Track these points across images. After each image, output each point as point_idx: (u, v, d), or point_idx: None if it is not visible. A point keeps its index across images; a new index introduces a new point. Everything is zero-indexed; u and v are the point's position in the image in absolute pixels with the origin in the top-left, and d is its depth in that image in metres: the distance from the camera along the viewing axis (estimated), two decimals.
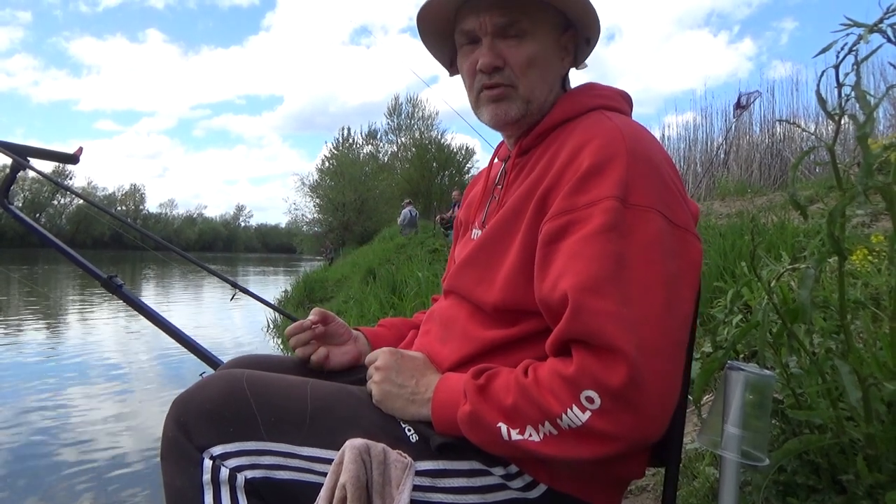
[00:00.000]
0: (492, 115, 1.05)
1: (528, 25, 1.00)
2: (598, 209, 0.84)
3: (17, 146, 1.92)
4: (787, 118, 9.67)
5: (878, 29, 0.90)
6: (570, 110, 1.03)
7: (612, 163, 0.87)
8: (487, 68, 1.01)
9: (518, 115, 1.04)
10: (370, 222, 31.60)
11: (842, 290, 0.99)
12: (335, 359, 1.22)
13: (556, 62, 1.06)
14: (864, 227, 3.31)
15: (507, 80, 1.02)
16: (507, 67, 1.01)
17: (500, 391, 0.86)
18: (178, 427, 0.91)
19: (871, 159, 0.85)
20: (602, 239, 0.82)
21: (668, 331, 0.80)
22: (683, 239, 0.87)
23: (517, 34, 1.00)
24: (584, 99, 1.04)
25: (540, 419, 0.81)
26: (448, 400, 0.92)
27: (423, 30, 1.11)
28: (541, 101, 1.04)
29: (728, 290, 2.16)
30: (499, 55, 1.01)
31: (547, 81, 1.05)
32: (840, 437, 1.04)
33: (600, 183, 0.86)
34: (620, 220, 0.83)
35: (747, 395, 0.87)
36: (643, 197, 0.85)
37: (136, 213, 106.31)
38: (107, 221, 2.47)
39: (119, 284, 1.82)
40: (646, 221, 0.84)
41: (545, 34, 1.03)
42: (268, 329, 8.96)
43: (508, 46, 1.01)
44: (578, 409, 0.78)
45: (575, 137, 0.94)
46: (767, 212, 4.75)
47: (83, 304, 12.55)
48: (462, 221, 1.25)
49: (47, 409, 4.76)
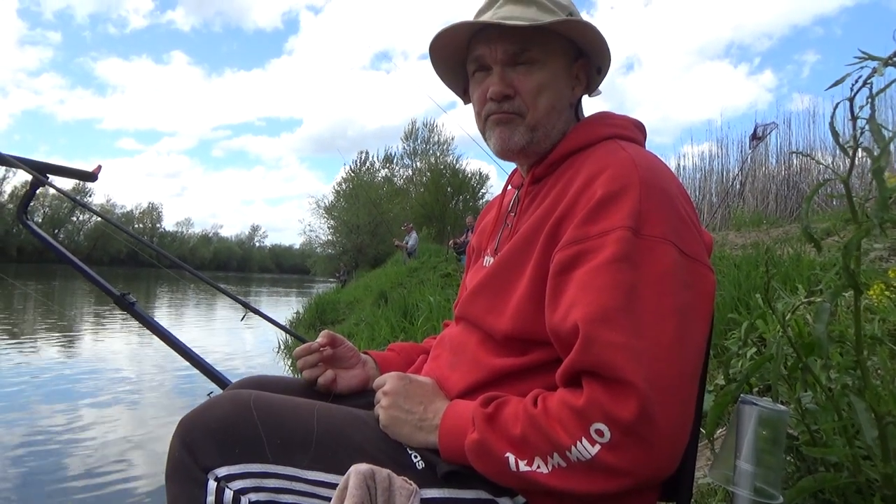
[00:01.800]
0: (497, 138, 1.05)
1: (538, 54, 1.01)
2: (611, 239, 0.84)
3: (37, 163, 1.95)
4: (803, 150, 9.63)
5: (893, 62, 0.90)
6: (583, 139, 1.03)
7: (626, 193, 0.86)
8: (498, 96, 1.02)
9: (522, 143, 1.04)
10: (384, 245, 31.69)
11: (858, 324, 0.97)
12: (343, 382, 1.21)
13: (567, 90, 1.07)
14: (882, 261, 3.26)
15: (517, 109, 1.03)
16: (518, 96, 1.02)
17: (508, 420, 0.85)
18: (183, 447, 0.91)
19: (886, 193, 0.85)
20: (613, 269, 0.82)
21: (679, 363, 0.79)
22: (696, 270, 0.86)
23: (527, 62, 1.01)
24: (598, 128, 1.04)
25: (549, 451, 0.79)
26: (456, 427, 0.90)
27: (436, 59, 1.12)
28: (548, 129, 1.04)
29: (742, 321, 2.13)
30: (509, 84, 1.02)
31: (557, 109, 1.05)
32: (857, 476, 1.01)
33: (613, 213, 0.86)
34: (632, 251, 0.82)
35: (760, 430, 0.86)
36: (656, 228, 0.85)
37: (152, 231, 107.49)
38: (122, 239, 2.49)
39: (132, 302, 1.83)
40: (658, 252, 0.83)
41: (556, 63, 1.03)
42: (278, 350, 8.96)
43: (519, 75, 1.02)
44: (588, 442, 0.77)
45: (588, 166, 0.94)
46: (783, 244, 4.71)
47: (97, 321, 12.64)
48: (474, 248, 1.25)
49: (57, 424, 4.78)
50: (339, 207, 35.03)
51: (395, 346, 1.37)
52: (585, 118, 1.10)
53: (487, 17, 1.02)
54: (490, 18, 1.01)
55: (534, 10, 1.01)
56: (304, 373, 1.20)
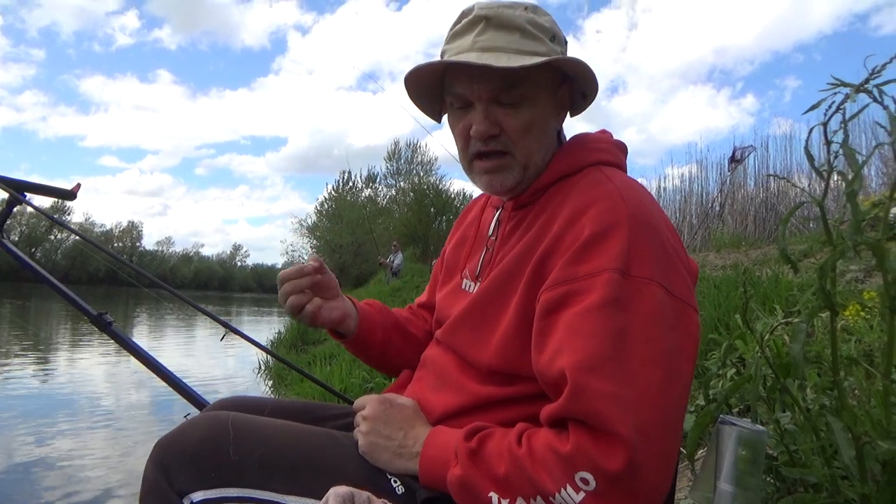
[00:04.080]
0: (487, 186, 1.04)
1: (524, 91, 0.97)
2: (599, 282, 0.82)
3: (14, 181, 1.93)
4: (781, 173, 9.79)
5: (865, 89, 0.92)
6: (567, 167, 1.01)
7: (614, 231, 0.85)
8: (483, 136, 0.98)
9: (515, 183, 1.02)
10: (367, 265, 31.61)
11: (834, 345, 0.98)
12: (325, 313, 1.16)
13: (553, 120, 1.04)
14: (857, 282, 3.32)
15: (503, 147, 0.99)
16: (503, 134, 0.98)
17: (492, 458, 0.83)
18: (159, 470, 0.89)
19: (859, 216, 0.86)
20: (602, 314, 0.81)
21: (666, 410, 0.79)
22: (682, 311, 0.86)
23: (513, 101, 0.97)
24: (581, 153, 1.03)
25: (532, 494, 0.78)
26: (437, 458, 0.89)
27: (410, 88, 1.06)
28: (539, 165, 1.02)
29: (722, 342, 2.15)
30: (494, 122, 0.98)
31: (544, 143, 1.02)
32: (835, 496, 1.02)
33: (601, 253, 0.84)
34: (620, 293, 0.81)
35: (740, 450, 0.86)
36: (644, 268, 0.84)
37: (132, 251, 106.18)
38: (101, 258, 2.46)
39: (109, 322, 1.80)
40: (646, 294, 0.82)
41: (543, 96, 1.00)
42: (259, 371, 8.85)
43: (505, 114, 0.98)
44: (573, 490, 0.75)
45: (574, 199, 0.93)
46: (762, 265, 4.77)
47: (73, 341, 12.41)
48: (449, 261, 1.22)
49: (31, 446, 4.66)
50: (322, 227, 34.93)
51: (373, 302, 1.33)
52: (568, 142, 1.08)
53: (467, 47, 0.97)
54: (471, 49, 0.96)
55: (517, 37, 0.96)
56: (291, 298, 1.11)
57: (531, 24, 0.97)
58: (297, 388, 6.27)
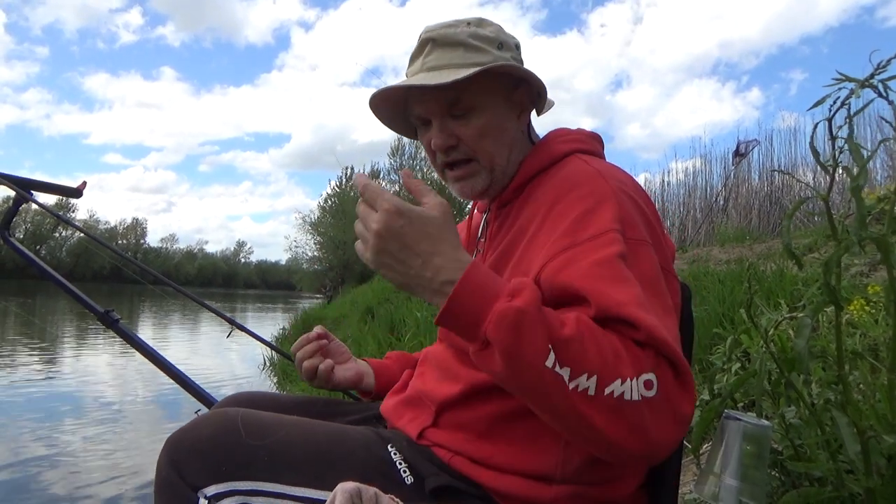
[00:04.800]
0: (460, 193, 1.07)
1: (472, 99, 1.00)
2: (606, 239, 0.84)
3: (21, 179, 1.94)
4: (785, 167, 9.75)
5: (870, 84, 0.92)
6: (544, 159, 1.04)
7: (604, 203, 0.88)
8: (442, 148, 1.03)
9: (485, 186, 1.06)
10: None
11: (839, 340, 0.98)
12: (339, 373, 1.23)
13: (512, 122, 1.06)
14: (862, 276, 3.31)
15: (465, 155, 1.04)
16: (461, 143, 1.03)
17: (554, 319, 0.74)
18: (171, 466, 0.90)
19: (864, 211, 0.86)
20: (623, 265, 0.82)
21: None
22: (670, 281, 0.92)
23: (464, 111, 1.01)
24: (557, 145, 1.06)
25: (597, 370, 0.71)
26: (482, 286, 0.77)
27: (380, 116, 1.11)
28: (505, 165, 1.05)
29: (727, 336, 2.14)
30: (450, 134, 1.02)
31: (505, 145, 1.05)
32: (840, 490, 1.02)
33: (598, 219, 0.87)
34: (627, 250, 0.84)
35: (745, 445, 0.87)
36: (638, 232, 0.88)
37: (136, 248, 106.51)
38: (106, 255, 2.47)
39: (116, 319, 1.81)
40: (644, 255, 0.87)
41: (493, 101, 1.03)
42: (264, 367, 8.87)
43: (458, 125, 1.02)
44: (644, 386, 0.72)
45: (556, 184, 0.96)
46: (766, 259, 4.76)
47: (79, 338, 12.46)
48: None
49: (40, 443, 4.69)
50: (326, 223, 34.94)
51: (393, 354, 1.38)
52: (542, 138, 1.11)
53: (418, 69, 1.03)
54: (420, 70, 1.02)
55: (461, 52, 1.00)
56: (305, 363, 1.21)
57: (473, 37, 1.01)
58: (302, 384, 6.29)
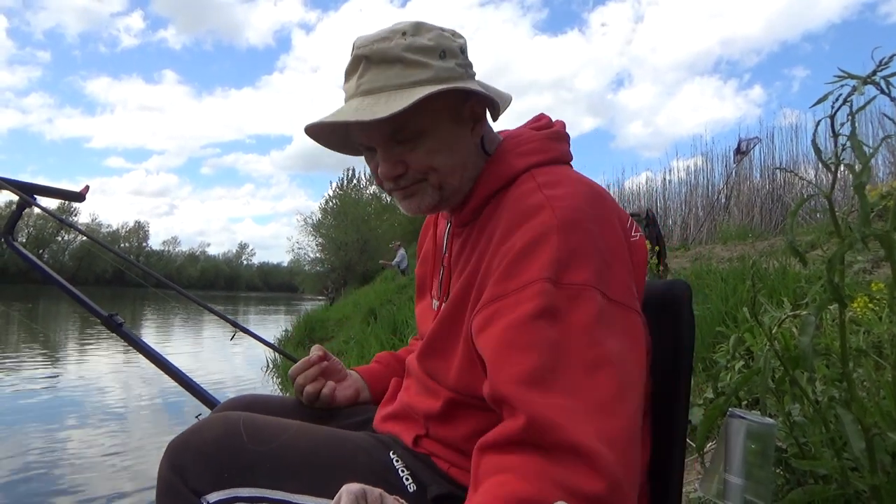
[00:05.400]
0: (406, 209, 1.00)
1: (416, 124, 0.91)
2: (529, 293, 0.77)
3: (24, 184, 1.94)
4: (787, 164, 9.74)
5: (872, 81, 0.92)
6: (500, 177, 0.96)
7: (543, 241, 0.80)
8: (390, 178, 0.95)
9: (433, 203, 0.97)
10: (372, 262, 31.64)
11: (843, 337, 0.98)
12: (340, 393, 1.21)
13: (464, 138, 0.96)
14: (865, 273, 3.30)
15: (414, 179, 0.95)
16: (410, 170, 0.94)
17: None
18: (173, 471, 0.90)
19: (867, 208, 0.86)
20: (536, 325, 0.75)
21: (627, 417, 0.72)
22: (624, 316, 0.80)
23: (409, 137, 0.92)
24: (511, 160, 0.96)
25: None
26: None
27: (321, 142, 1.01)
28: (455, 183, 0.97)
29: (730, 335, 2.14)
30: (398, 162, 0.94)
31: (457, 165, 0.96)
32: (845, 488, 1.02)
33: (530, 265, 0.79)
34: (554, 303, 0.76)
35: (749, 443, 0.87)
36: (578, 274, 0.78)
37: (138, 251, 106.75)
38: (109, 259, 2.48)
39: (119, 323, 1.82)
40: (583, 301, 0.76)
41: (440, 121, 0.93)
42: (267, 369, 8.89)
43: (405, 150, 0.93)
44: None
45: (506, 216, 0.88)
46: (769, 257, 4.75)
47: (83, 342, 12.48)
48: (419, 276, 1.20)
49: (44, 448, 4.70)
50: (328, 225, 34.98)
51: (381, 356, 1.36)
52: (496, 150, 1.00)
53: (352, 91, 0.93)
54: (355, 93, 0.92)
55: (398, 70, 0.90)
56: (307, 388, 1.18)
57: (410, 50, 0.90)
58: None
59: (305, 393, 1.18)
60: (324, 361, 1.22)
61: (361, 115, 0.86)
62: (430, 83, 0.89)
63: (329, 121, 0.91)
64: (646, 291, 1.10)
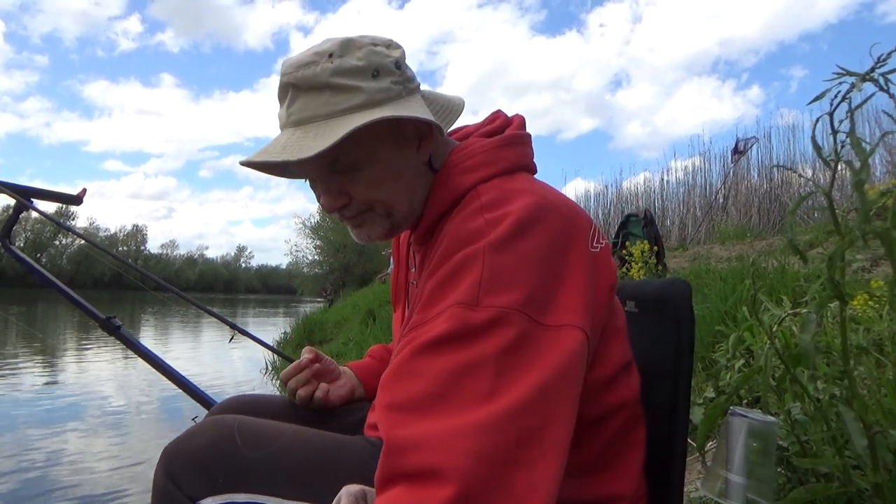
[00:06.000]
0: (357, 238, 0.96)
1: (352, 154, 0.86)
2: (438, 321, 0.71)
3: (21, 187, 1.94)
4: (784, 164, 9.77)
5: (871, 78, 0.92)
6: (445, 198, 0.89)
7: (469, 265, 0.74)
8: (332, 211, 0.91)
9: (384, 231, 0.94)
10: (371, 264, 31.66)
11: (844, 335, 0.98)
12: (334, 393, 1.21)
13: (408, 160, 0.91)
14: (864, 272, 3.31)
15: (359, 210, 0.91)
16: (354, 201, 0.90)
17: None
18: (167, 477, 0.90)
19: (867, 205, 0.86)
20: (438, 351, 0.69)
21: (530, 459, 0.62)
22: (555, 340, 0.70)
23: (347, 167, 0.87)
24: (456, 178, 0.89)
25: None
26: None
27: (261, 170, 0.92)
28: (405, 211, 0.92)
29: (729, 334, 2.14)
30: (340, 193, 0.90)
31: (404, 191, 0.91)
32: (847, 486, 1.02)
33: (452, 290, 0.73)
34: (464, 328, 0.69)
35: (751, 442, 0.86)
36: (501, 297, 0.70)
37: (136, 254, 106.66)
38: (108, 262, 2.47)
39: (118, 325, 1.81)
40: (500, 325, 0.68)
41: (380, 147, 0.87)
42: (266, 371, 8.87)
43: (345, 181, 0.88)
44: None
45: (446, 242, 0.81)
46: (767, 256, 4.75)
47: (81, 345, 12.46)
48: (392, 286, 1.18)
49: (42, 450, 4.68)
50: (326, 227, 34.97)
51: (374, 350, 1.36)
52: (443, 166, 0.93)
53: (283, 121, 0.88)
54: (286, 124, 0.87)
55: (327, 97, 0.84)
56: (300, 391, 1.18)
57: (339, 73, 0.84)
58: None
59: (298, 397, 1.18)
60: (315, 364, 1.21)
61: (288, 154, 0.81)
62: (362, 108, 0.84)
63: (257, 160, 0.84)
64: (644, 290, 1.10)
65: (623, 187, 12.79)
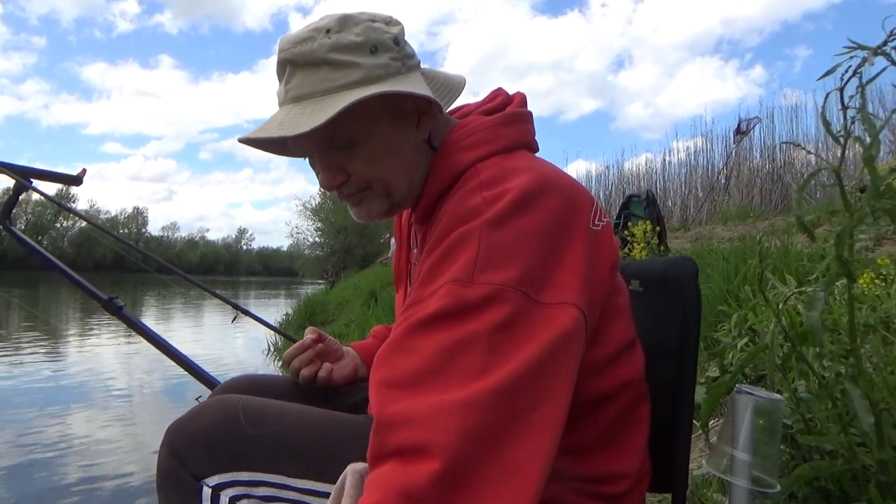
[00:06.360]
0: (356, 217, 0.95)
1: (350, 130, 0.85)
2: (433, 298, 0.70)
3: (20, 168, 1.93)
4: (789, 143, 9.72)
5: (882, 52, 0.90)
6: (445, 177, 0.89)
7: (465, 243, 0.73)
8: (331, 188, 0.90)
9: (384, 209, 0.93)
10: (372, 246, 31.65)
11: (851, 312, 0.97)
12: (338, 373, 1.21)
13: (408, 137, 0.90)
14: (867, 251, 3.30)
15: (358, 187, 0.90)
16: (352, 177, 0.89)
17: None
18: (172, 456, 0.90)
19: (878, 181, 0.85)
20: (433, 328, 0.68)
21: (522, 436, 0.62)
22: (552, 318, 0.69)
23: (345, 143, 0.86)
24: (456, 156, 0.88)
25: None
26: None
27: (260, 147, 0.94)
28: (405, 189, 0.91)
29: (732, 314, 2.14)
30: (338, 170, 0.89)
31: (403, 168, 0.90)
32: (852, 463, 1.02)
33: (448, 268, 0.72)
34: (459, 305, 0.68)
35: (756, 419, 0.86)
36: (497, 274, 0.69)
37: (137, 237, 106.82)
38: (109, 244, 2.47)
39: (120, 306, 1.81)
40: (495, 302, 0.68)
41: (378, 123, 0.87)
42: (269, 351, 8.92)
43: (344, 157, 0.87)
44: None
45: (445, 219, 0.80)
46: (770, 236, 4.74)
47: (84, 327, 12.51)
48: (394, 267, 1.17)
49: (46, 432, 4.72)
50: (326, 209, 34.91)
51: (377, 330, 1.35)
52: (442, 144, 0.92)
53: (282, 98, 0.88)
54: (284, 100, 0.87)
55: (325, 73, 0.83)
56: (303, 371, 1.18)
57: (336, 49, 0.83)
58: None
59: (301, 377, 1.18)
60: (318, 344, 1.21)
61: (285, 130, 0.80)
62: (360, 84, 0.83)
63: (254, 137, 0.85)
64: (649, 269, 1.09)
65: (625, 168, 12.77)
